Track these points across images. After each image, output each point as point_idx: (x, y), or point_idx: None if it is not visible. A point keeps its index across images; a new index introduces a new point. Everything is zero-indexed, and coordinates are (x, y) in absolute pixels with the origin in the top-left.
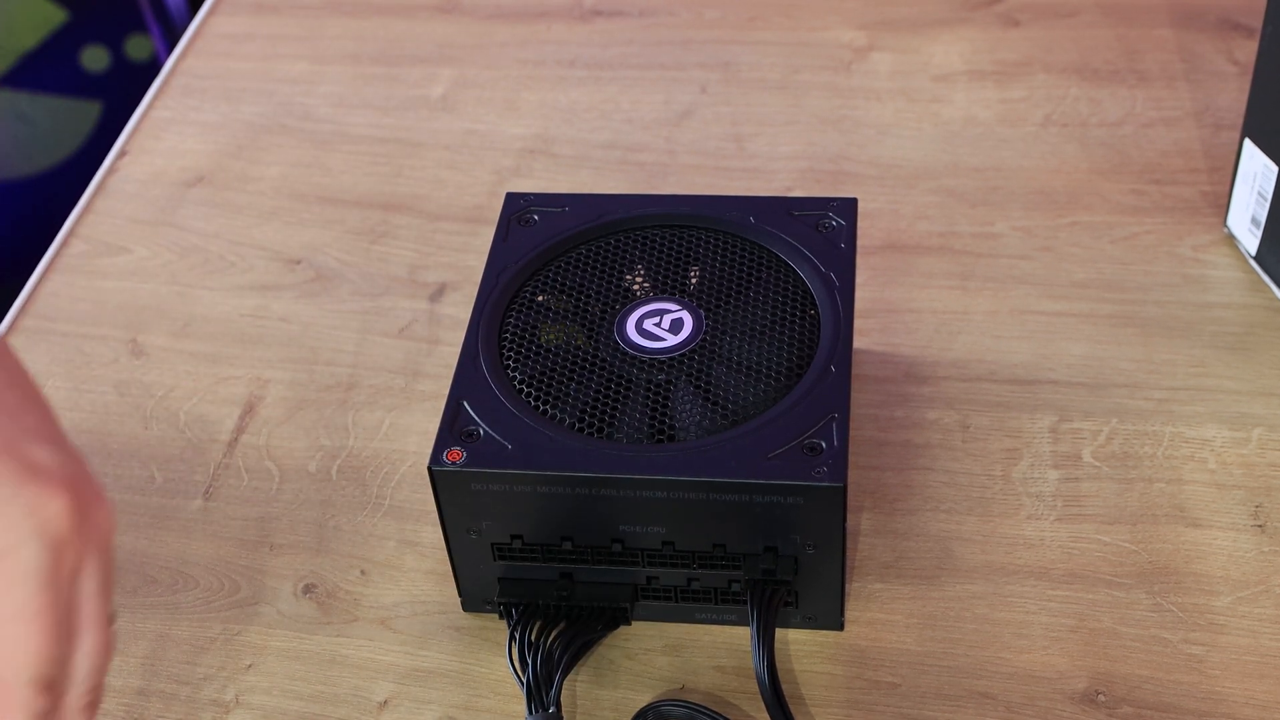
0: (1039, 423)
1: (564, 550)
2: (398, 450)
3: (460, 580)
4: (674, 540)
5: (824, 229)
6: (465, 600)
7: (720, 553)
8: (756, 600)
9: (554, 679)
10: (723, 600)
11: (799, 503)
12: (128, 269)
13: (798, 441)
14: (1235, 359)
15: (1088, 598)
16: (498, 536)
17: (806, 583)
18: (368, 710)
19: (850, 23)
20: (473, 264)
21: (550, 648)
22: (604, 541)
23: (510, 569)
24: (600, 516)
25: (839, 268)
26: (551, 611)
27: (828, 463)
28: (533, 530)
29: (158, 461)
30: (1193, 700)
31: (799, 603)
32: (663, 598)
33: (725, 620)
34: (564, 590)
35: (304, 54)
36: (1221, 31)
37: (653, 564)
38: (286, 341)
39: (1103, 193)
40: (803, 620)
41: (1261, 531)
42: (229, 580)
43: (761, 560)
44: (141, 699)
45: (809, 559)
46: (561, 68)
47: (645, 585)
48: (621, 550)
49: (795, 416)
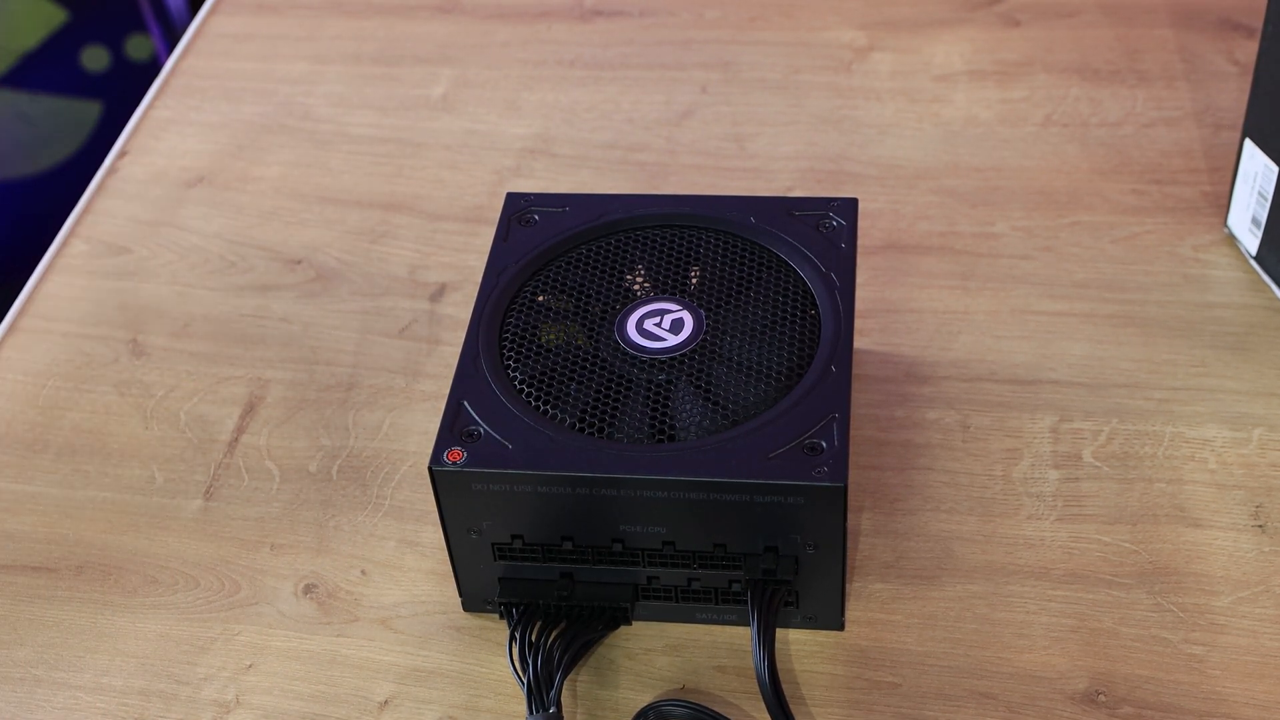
0: (1039, 423)
1: (564, 550)
2: (398, 450)
3: (461, 580)
4: (674, 540)
5: (824, 229)
6: (466, 600)
7: (721, 553)
8: (757, 600)
9: (554, 679)
10: (723, 600)
11: (799, 503)
12: (128, 269)
13: (798, 441)
14: (1236, 359)
15: (1088, 598)
16: (498, 536)
17: (807, 583)
18: (368, 710)
19: (851, 23)
20: (473, 264)
21: (551, 648)
22: (604, 541)
23: (511, 569)
24: (601, 516)
25: (839, 268)
26: (552, 611)
27: (828, 463)
28: (533, 530)
29: (158, 461)
30: (1193, 700)
31: (799, 603)
32: (663, 598)
33: (726, 620)
34: (564, 590)
35: (304, 54)
36: (1222, 31)
37: (653, 564)
38: (286, 341)
39: (1103, 193)
40: (803, 620)
41: (1262, 531)
42: (229, 580)
43: (762, 560)
44: (141, 699)
45: (809, 559)
46: (562, 68)
47: (646, 585)
48: (622, 550)
49: (796, 416)
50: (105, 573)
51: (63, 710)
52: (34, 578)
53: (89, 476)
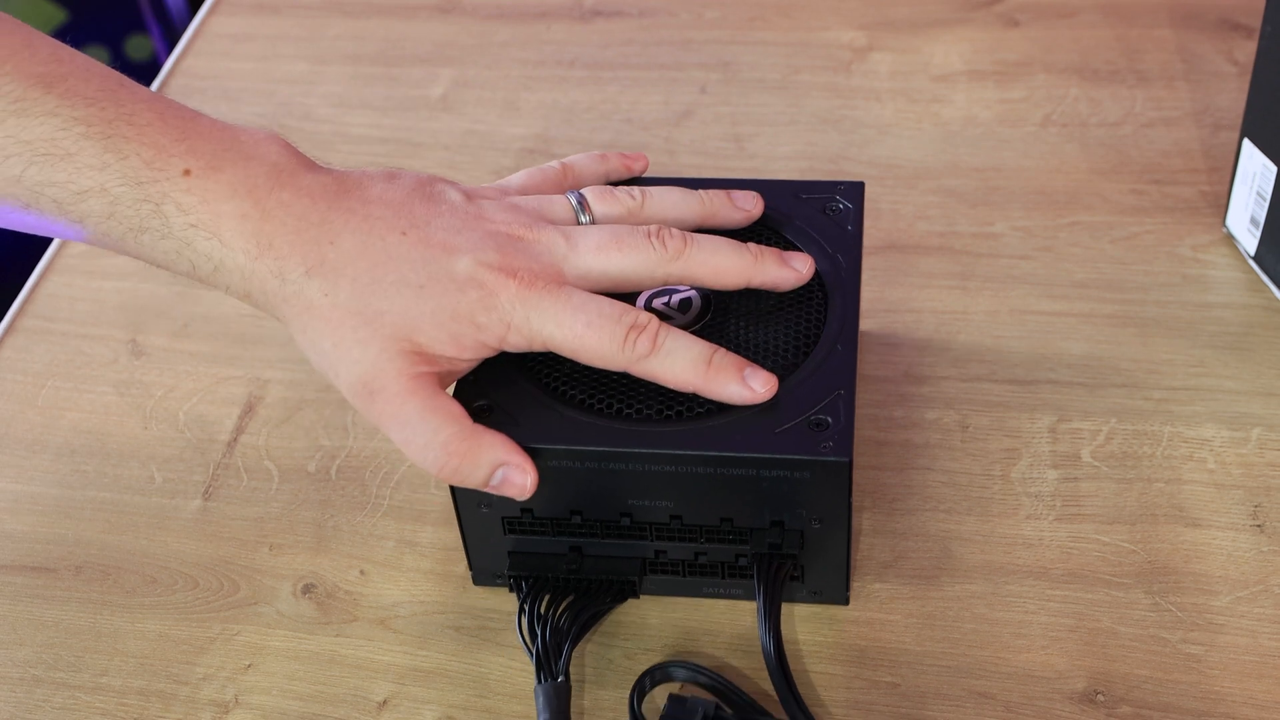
0: (1038, 423)
1: (573, 524)
2: (397, 450)
3: (471, 554)
4: (682, 514)
5: (831, 212)
6: (475, 574)
7: (728, 527)
8: (763, 574)
9: (563, 648)
10: (729, 575)
11: (806, 477)
12: (128, 269)
13: (804, 417)
14: (1234, 359)
15: (1087, 597)
16: (508, 510)
17: (812, 557)
18: (367, 710)
19: (850, 23)
20: None
21: (559, 619)
22: (613, 516)
23: (520, 543)
24: (609, 491)
25: (846, 249)
26: (561, 585)
27: (834, 437)
28: (543, 504)
29: (158, 461)
30: (1192, 700)
31: (805, 577)
32: (671, 572)
33: (732, 594)
34: (573, 564)
35: (304, 54)
36: (1221, 31)
37: (661, 538)
38: (286, 341)
39: (1102, 193)
40: (809, 595)
41: (1260, 531)
42: (229, 580)
43: (768, 534)
44: (140, 699)
45: (815, 533)
46: (561, 68)
47: (653, 559)
48: (630, 524)
49: (802, 393)
50: (104, 573)
51: (61, 710)
52: (33, 577)
53: (88, 476)
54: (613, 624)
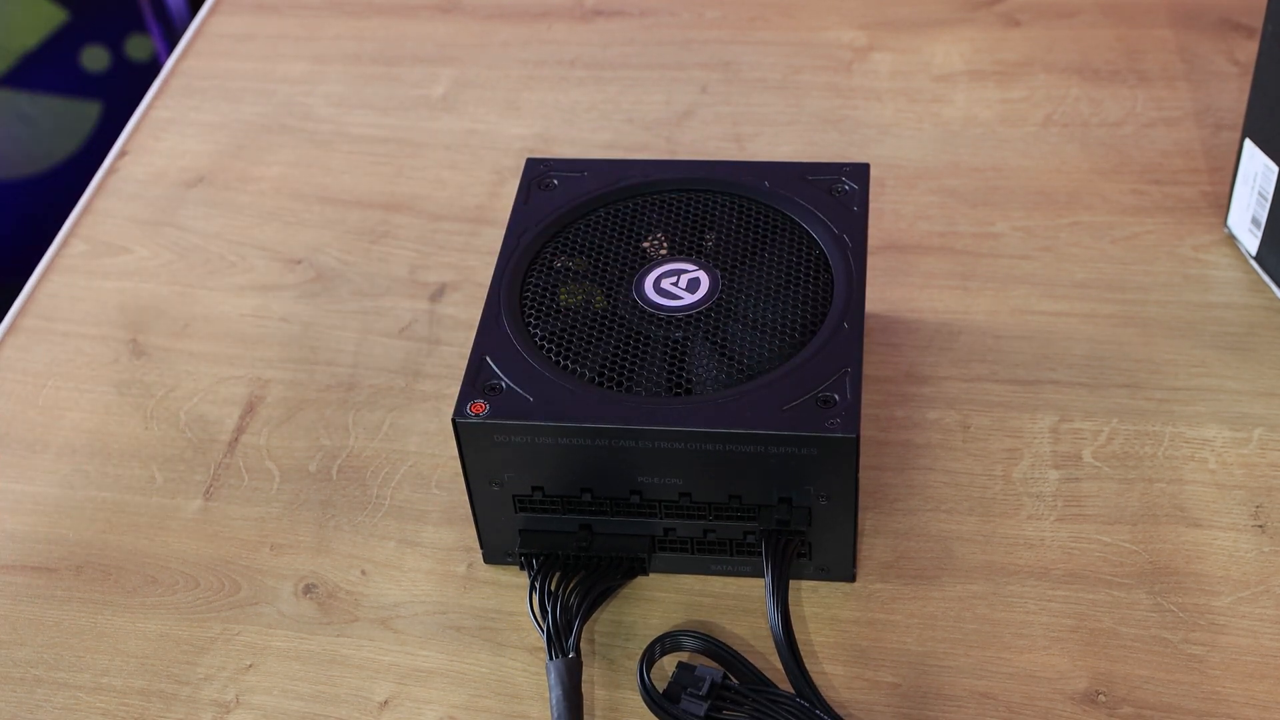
0: (1039, 423)
1: (584, 502)
2: (398, 450)
3: (482, 532)
4: (691, 491)
5: (837, 193)
6: (486, 552)
7: (736, 504)
8: (771, 551)
9: (573, 625)
10: (738, 552)
11: (813, 454)
12: (128, 269)
13: (811, 394)
14: (1236, 359)
15: (1088, 598)
16: (519, 489)
17: (820, 533)
18: (368, 710)
19: (851, 23)
20: (473, 264)
21: (569, 596)
22: (623, 493)
23: (531, 520)
24: (619, 468)
25: (852, 230)
26: (571, 562)
27: (841, 414)
28: (553, 482)
29: (158, 461)
30: (1193, 700)
31: (812, 554)
32: (680, 549)
33: (740, 572)
34: (583, 541)
35: (304, 54)
36: (1221, 31)
37: (670, 515)
38: (286, 341)
39: (1103, 193)
40: (816, 571)
41: (1262, 532)
42: (229, 580)
43: (776, 511)
44: (141, 699)
45: (822, 510)
46: (562, 68)
47: (663, 537)
48: (640, 502)
49: (809, 371)
50: (105, 573)
51: (62, 710)
52: (34, 577)
53: (89, 476)
54: (622, 600)
